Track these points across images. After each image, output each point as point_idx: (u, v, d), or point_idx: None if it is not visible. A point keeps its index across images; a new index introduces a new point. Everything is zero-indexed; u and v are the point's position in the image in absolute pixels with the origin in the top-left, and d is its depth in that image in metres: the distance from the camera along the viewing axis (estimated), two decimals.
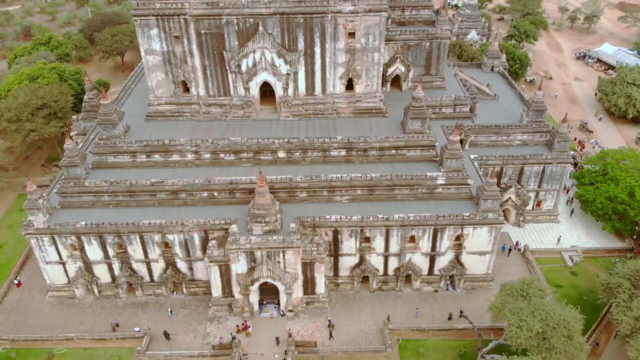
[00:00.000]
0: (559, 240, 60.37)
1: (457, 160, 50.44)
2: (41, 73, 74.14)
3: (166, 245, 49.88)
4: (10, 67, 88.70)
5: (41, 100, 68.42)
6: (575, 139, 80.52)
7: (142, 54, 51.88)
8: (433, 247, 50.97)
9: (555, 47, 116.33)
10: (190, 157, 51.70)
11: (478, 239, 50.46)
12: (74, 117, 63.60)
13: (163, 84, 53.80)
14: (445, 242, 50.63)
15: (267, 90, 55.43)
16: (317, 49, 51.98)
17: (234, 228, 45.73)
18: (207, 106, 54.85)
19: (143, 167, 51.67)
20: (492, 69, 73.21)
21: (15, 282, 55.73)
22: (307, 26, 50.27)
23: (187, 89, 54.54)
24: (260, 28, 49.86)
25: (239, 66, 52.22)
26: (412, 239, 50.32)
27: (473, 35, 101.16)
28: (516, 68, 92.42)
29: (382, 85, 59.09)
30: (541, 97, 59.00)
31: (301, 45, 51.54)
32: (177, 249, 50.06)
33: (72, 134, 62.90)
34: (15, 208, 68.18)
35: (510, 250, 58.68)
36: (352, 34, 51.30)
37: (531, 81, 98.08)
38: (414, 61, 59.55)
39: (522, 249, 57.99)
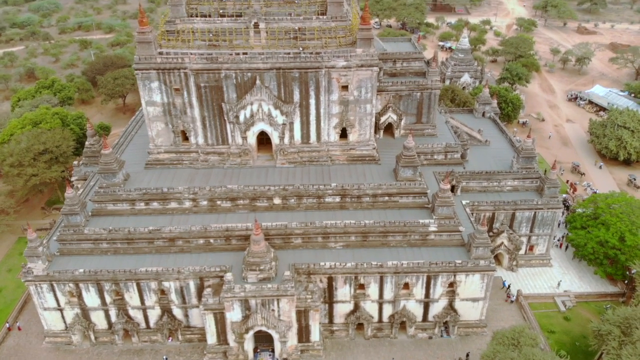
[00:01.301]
0: (559, 284, 61.07)
1: (449, 207, 51.62)
2: (44, 118, 76.00)
3: (162, 292, 50.58)
4: (14, 110, 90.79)
5: (43, 146, 70.08)
6: (568, 181, 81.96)
7: (143, 105, 53.68)
8: (427, 294, 51.68)
9: (548, 88, 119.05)
10: (187, 204, 52.92)
11: (471, 285, 51.22)
12: (75, 162, 65.11)
13: (163, 133, 55.44)
14: (439, 288, 51.37)
15: (263, 138, 57.04)
16: (312, 101, 53.82)
17: (228, 276, 46.54)
18: (206, 154, 56.35)
19: (142, 214, 52.83)
20: (483, 115, 75.16)
21: (17, 325, 56.28)
22: (302, 80, 52.23)
23: (186, 138, 56.15)
24: (258, 82, 51.80)
25: (237, 117, 53.96)
26: (406, 285, 51.08)
27: (466, 78, 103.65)
28: (509, 111, 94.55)
29: (375, 132, 60.89)
30: (531, 145, 60.59)
31: (297, 97, 53.41)
32: (173, 296, 50.74)
33: (72, 179, 64.36)
34: (15, 251, 68.99)
35: (509, 286, 59.43)
36: (345, 87, 53.23)
37: (524, 123, 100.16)
38: (406, 110, 61.43)
39: (515, 297, 58.51)
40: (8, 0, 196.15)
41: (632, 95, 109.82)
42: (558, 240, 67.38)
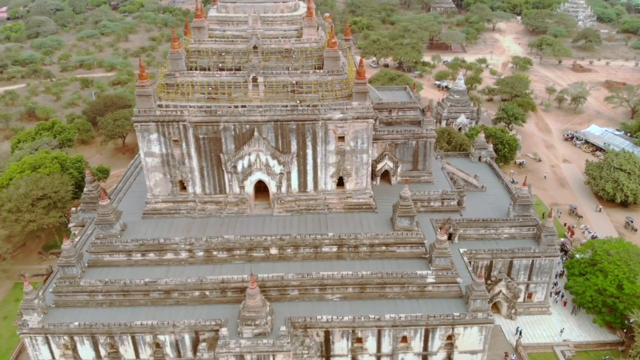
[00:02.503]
0: (561, 332, 60.66)
1: (446, 258, 51.56)
2: (43, 162, 76.47)
3: (157, 345, 50.07)
4: (13, 152, 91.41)
5: (42, 191, 70.35)
6: (565, 224, 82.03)
7: (142, 156, 54.16)
8: (425, 347, 51.17)
9: (544, 128, 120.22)
10: (184, 255, 52.84)
11: (469, 338, 50.77)
12: (73, 208, 65.26)
13: (161, 183, 55.74)
14: (437, 341, 50.89)
15: (261, 186, 57.32)
16: (309, 151, 54.33)
17: (223, 331, 46.16)
18: (203, 203, 56.56)
19: (138, 265, 52.70)
20: (479, 159, 75.74)
21: None
22: (299, 131, 52.86)
23: (184, 188, 56.43)
24: (256, 133, 52.41)
25: (234, 167, 54.38)
26: (404, 339, 50.62)
27: (462, 119, 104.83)
28: (505, 152, 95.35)
29: (372, 179, 61.29)
30: (527, 193, 60.91)
31: (294, 147, 53.94)
32: (168, 350, 50.19)
33: (70, 225, 64.39)
34: (11, 297, 68.52)
35: (521, 332, 59.17)
36: (341, 138, 53.82)
37: (520, 164, 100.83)
38: (402, 158, 61.99)
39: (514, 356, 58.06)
40: (11, 37, 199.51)
41: (628, 134, 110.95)
42: (558, 293, 66.78)
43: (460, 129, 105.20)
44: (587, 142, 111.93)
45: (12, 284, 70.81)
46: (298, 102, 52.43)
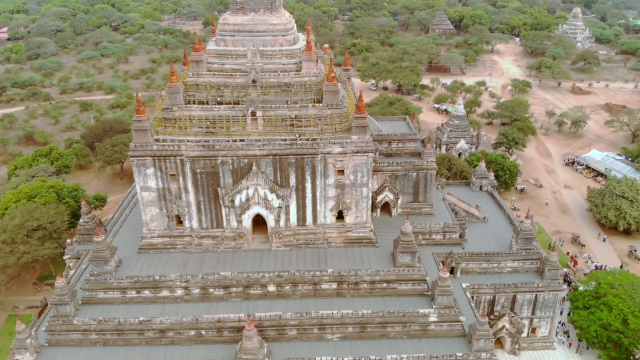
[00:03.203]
0: None
1: (449, 296, 50.38)
2: (39, 192, 75.58)
3: None
4: (10, 179, 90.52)
5: (37, 222, 69.32)
6: (568, 253, 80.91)
7: (138, 190, 53.27)
8: None
9: (544, 152, 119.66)
10: (179, 292, 51.66)
11: None
12: (68, 240, 64.22)
13: (157, 217, 54.77)
14: None
15: (259, 219, 56.35)
16: (308, 185, 53.50)
17: None
18: (200, 238, 55.53)
19: (133, 302, 51.49)
20: (480, 188, 74.92)
21: None
22: (298, 165, 52.09)
23: (180, 222, 55.44)
24: (254, 167, 51.61)
25: (232, 201, 53.49)
26: None
27: (462, 144, 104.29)
28: (506, 178, 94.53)
29: (372, 211, 60.39)
30: (529, 226, 59.96)
31: (293, 181, 53.12)
32: None
33: (65, 257, 63.32)
34: (5, 330, 67.04)
35: None
36: (341, 171, 53.03)
37: (521, 190, 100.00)
38: (402, 189, 61.17)
39: None
40: (11, 58, 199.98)
41: (630, 159, 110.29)
42: (566, 333, 65.32)
43: (460, 154, 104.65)
44: (588, 167, 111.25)
45: (6, 316, 69.42)
46: (297, 135, 51.75)
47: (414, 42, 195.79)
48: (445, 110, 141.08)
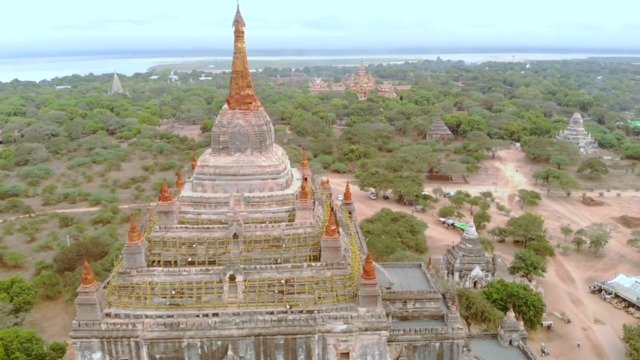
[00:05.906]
0: None
1: None
2: None
3: None
4: None
5: None
6: None
7: None
8: None
9: (566, 276, 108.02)
10: None
11: None
12: None
13: None
14: None
15: None
16: None
17: None
18: None
19: None
20: (510, 343, 62.58)
21: None
22: (288, 348, 40.57)
23: None
24: (230, 351, 40.03)
25: None
26: None
27: (477, 271, 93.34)
28: (530, 315, 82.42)
29: None
30: None
31: None
32: None
33: None
34: None
35: None
36: (345, 354, 41.41)
37: (549, 327, 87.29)
38: None
39: None
40: None
41: None
42: None
43: (475, 282, 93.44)
44: (617, 295, 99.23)
45: None
46: (288, 307, 40.82)
47: (413, 150, 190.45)
48: (452, 224, 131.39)
